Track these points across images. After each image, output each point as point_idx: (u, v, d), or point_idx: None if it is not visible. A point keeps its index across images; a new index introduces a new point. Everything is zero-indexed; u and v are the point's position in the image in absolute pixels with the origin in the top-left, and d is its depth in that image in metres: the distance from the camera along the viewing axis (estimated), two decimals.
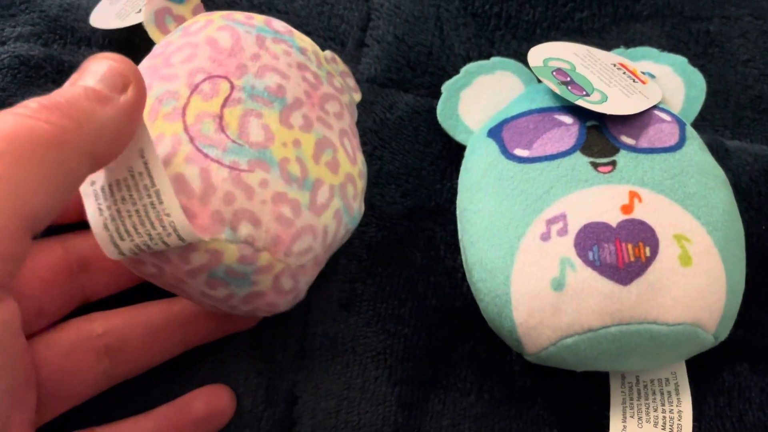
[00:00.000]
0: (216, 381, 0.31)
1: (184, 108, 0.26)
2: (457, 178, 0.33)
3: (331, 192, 0.27)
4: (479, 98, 0.34)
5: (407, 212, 0.35)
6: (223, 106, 0.26)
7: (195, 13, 0.33)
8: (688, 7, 0.40)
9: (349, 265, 0.34)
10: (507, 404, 0.32)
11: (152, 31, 0.31)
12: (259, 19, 0.30)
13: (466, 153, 0.33)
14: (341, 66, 0.34)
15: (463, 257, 0.31)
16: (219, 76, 0.27)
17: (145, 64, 0.29)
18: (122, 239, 0.24)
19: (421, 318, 0.33)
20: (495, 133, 0.32)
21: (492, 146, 0.31)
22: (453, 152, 0.35)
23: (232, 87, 0.27)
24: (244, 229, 0.25)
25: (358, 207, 0.29)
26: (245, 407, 0.31)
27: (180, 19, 0.32)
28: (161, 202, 0.23)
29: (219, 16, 0.30)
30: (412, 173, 0.36)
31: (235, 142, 0.26)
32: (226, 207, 0.25)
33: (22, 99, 0.35)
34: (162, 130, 0.25)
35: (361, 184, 0.29)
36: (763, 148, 0.37)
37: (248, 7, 0.39)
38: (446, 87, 0.35)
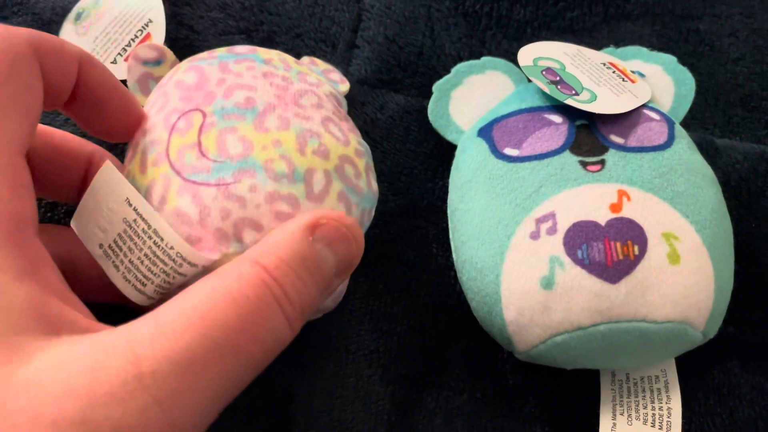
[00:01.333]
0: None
1: (167, 150, 0.27)
2: (448, 176, 0.33)
3: (328, 177, 0.27)
4: (470, 98, 0.35)
5: (399, 211, 0.35)
6: (200, 134, 0.27)
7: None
8: (679, 6, 0.41)
9: None
10: (499, 402, 0.32)
11: (139, 99, 0.32)
12: (221, 50, 0.31)
13: (457, 152, 0.33)
14: (322, 65, 0.34)
15: (454, 256, 0.31)
16: (191, 110, 0.28)
17: None
18: (144, 285, 0.25)
19: (414, 317, 0.33)
20: (485, 132, 0.32)
21: (482, 146, 0.32)
22: (444, 151, 0.35)
23: (204, 115, 0.27)
24: (249, 236, 0.25)
25: (366, 185, 0.29)
26: (241, 405, 0.31)
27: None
28: (162, 239, 0.24)
29: (185, 61, 0.31)
30: (404, 172, 0.36)
31: (216, 161, 0.26)
32: (225, 222, 0.25)
33: None
34: (153, 176, 0.26)
35: (362, 161, 0.29)
36: (752, 147, 0.37)
37: (240, 10, 0.40)
38: (437, 87, 0.35)
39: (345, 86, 0.35)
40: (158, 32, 0.37)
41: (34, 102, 0.23)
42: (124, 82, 0.32)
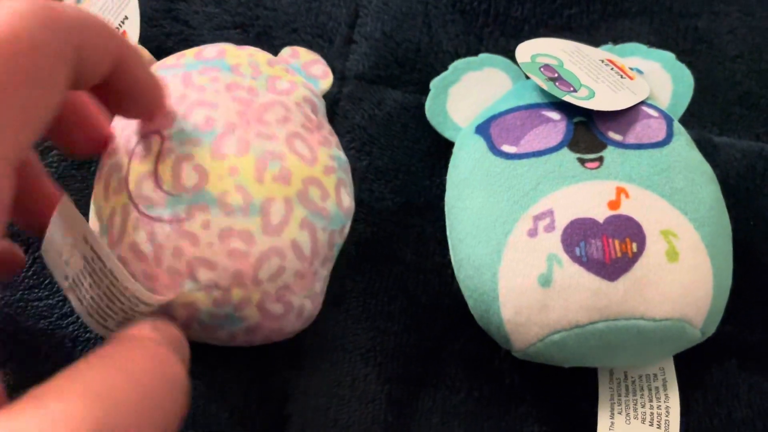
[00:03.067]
0: (207, 378, 0.31)
1: (126, 177, 0.26)
2: (446, 174, 0.33)
3: (288, 205, 0.26)
4: (467, 95, 0.34)
5: (396, 208, 0.35)
6: (157, 162, 0.26)
7: None
8: (677, 3, 0.40)
9: (338, 261, 0.33)
10: (496, 402, 0.31)
11: None
12: (189, 54, 0.30)
13: (454, 149, 0.33)
14: (305, 57, 0.33)
15: (451, 254, 0.31)
16: (150, 133, 0.27)
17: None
18: (105, 320, 0.25)
19: (410, 315, 0.33)
20: (483, 129, 0.32)
21: (480, 143, 0.31)
22: (442, 148, 0.35)
23: (163, 139, 0.27)
24: (203, 275, 0.25)
25: (334, 205, 0.28)
26: (237, 405, 0.31)
27: None
28: (117, 279, 0.24)
29: (155, 65, 0.30)
30: (401, 169, 0.36)
31: (170, 193, 0.26)
32: (178, 261, 0.25)
33: None
34: (114, 206, 0.26)
35: (331, 179, 0.28)
36: (750, 145, 0.37)
37: (236, 5, 0.39)
38: (435, 83, 0.35)
39: (326, 82, 0.33)
40: (133, 30, 0.36)
41: (46, 111, 0.20)
42: None
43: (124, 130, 0.27)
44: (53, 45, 0.19)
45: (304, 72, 0.32)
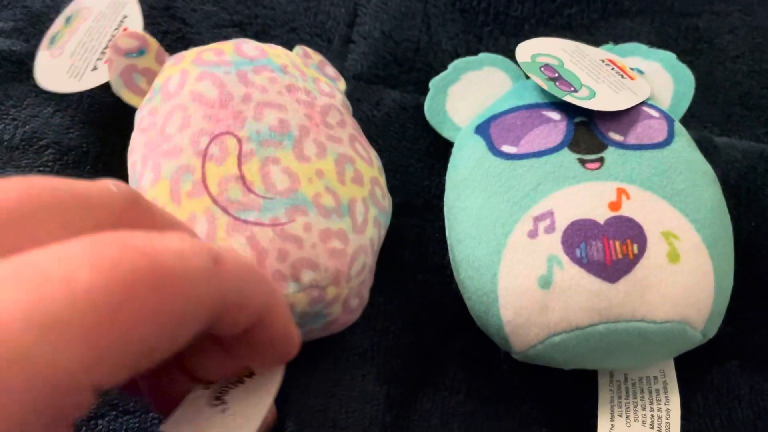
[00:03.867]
0: None
1: (204, 179, 0.26)
2: (445, 174, 0.33)
3: (365, 205, 0.28)
4: (467, 94, 0.34)
5: (395, 209, 0.35)
6: (239, 164, 0.26)
7: (159, 60, 0.31)
8: (677, 3, 0.40)
9: None
10: (496, 403, 0.31)
11: (125, 95, 0.30)
12: (228, 50, 0.29)
13: (454, 150, 0.33)
14: (316, 58, 0.33)
15: (450, 254, 0.31)
16: (222, 133, 0.27)
17: (140, 141, 0.28)
18: None
19: (409, 315, 0.33)
20: (482, 129, 0.32)
21: (479, 143, 0.31)
22: (441, 148, 0.35)
23: (239, 141, 0.27)
24: (306, 276, 0.26)
25: (388, 203, 0.29)
26: None
27: (148, 72, 0.31)
28: None
29: (190, 63, 0.29)
30: (400, 169, 0.35)
31: (266, 197, 0.26)
32: (283, 264, 0.25)
33: (3, 94, 0.35)
34: (192, 209, 0.26)
35: (383, 178, 0.30)
36: (751, 145, 0.37)
37: (234, 3, 0.39)
38: (434, 83, 0.34)
39: (342, 84, 0.34)
40: (136, 24, 0.35)
41: (156, 352, 0.16)
42: (106, 85, 0.31)
43: (182, 129, 0.27)
44: (197, 291, 0.16)
45: (321, 72, 0.33)
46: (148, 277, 0.15)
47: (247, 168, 0.26)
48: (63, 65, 0.34)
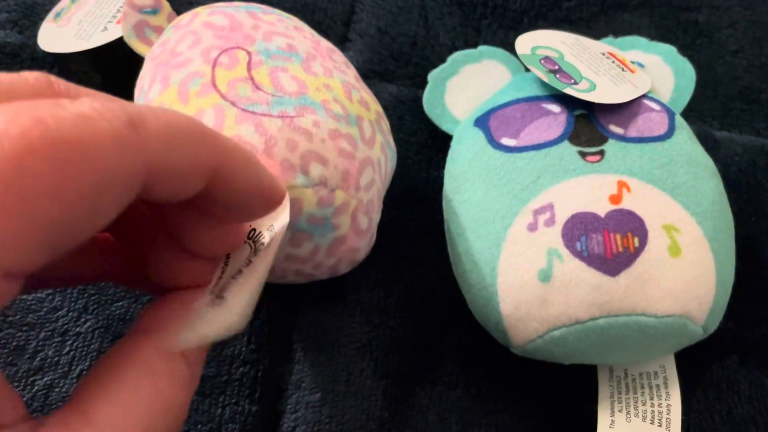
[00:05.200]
0: (202, 372, 0.30)
1: (213, 81, 0.26)
2: (443, 167, 0.33)
3: (372, 127, 0.28)
4: (466, 87, 0.34)
5: (393, 202, 0.34)
6: (249, 69, 0.27)
7: (170, 20, 0.33)
8: None
9: None
10: (494, 398, 0.31)
11: (136, 45, 0.32)
12: (239, 3, 0.31)
13: (453, 142, 0.33)
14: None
15: (449, 248, 0.31)
16: (232, 48, 0.28)
17: (151, 64, 0.29)
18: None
19: (406, 310, 0.32)
20: (482, 122, 0.31)
21: (479, 135, 0.31)
22: (438, 141, 0.34)
23: (249, 53, 0.27)
24: (315, 170, 0.25)
25: (394, 142, 0.30)
26: (231, 400, 0.30)
27: (159, 29, 0.32)
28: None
29: (202, 8, 0.31)
30: (398, 163, 0.35)
31: (275, 95, 0.26)
32: (292, 153, 0.25)
33: None
34: (200, 105, 0.26)
35: (386, 123, 0.30)
36: (751, 139, 0.37)
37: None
38: (432, 76, 0.34)
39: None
40: None
41: (75, 231, 0.15)
42: (120, 40, 0.32)
43: (193, 46, 0.28)
44: (108, 160, 0.14)
45: None
46: (41, 148, 0.13)
47: (257, 72, 0.27)
48: (70, 31, 0.35)
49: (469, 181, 0.30)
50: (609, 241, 0.27)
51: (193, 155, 0.17)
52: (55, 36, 0.35)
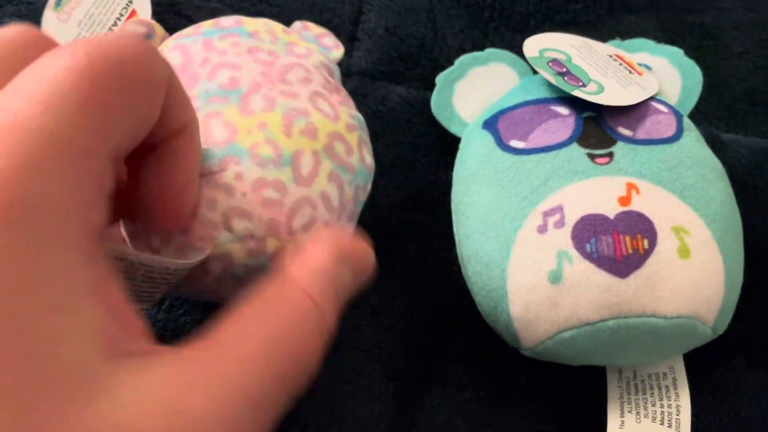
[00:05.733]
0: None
1: None
2: (451, 169, 0.33)
3: (316, 157, 0.27)
4: (473, 90, 0.34)
5: (400, 204, 0.35)
6: None
7: (164, 41, 0.33)
8: None
9: None
10: (503, 400, 0.31)
11: None
12: (206, 24, 0.31)
13: (461, 145, 0.33)
14: (315, 30, 0.34)
15: (458, 250, 0.31)
16: None
17: None
18: (153, 297, 0.25)
19: (415, 312, 0.33)
20: (490, 124, 0.32)
21: (487, 138, 0.31)
22: (446, 144, 0.34)
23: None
24: (239, 225, 0.25)
25: (358, 161, 0.29)
26: None
27: None
28: (152, 267, 0.23)
29: (171, 39, 0.31)
30: (406, 165, 0.35)
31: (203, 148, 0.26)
32: (212, 212, 0.25)
33: None
34: None
35: (353, 136, 0.29)
36: (757, 141, 0.37)
37: (239, 0, 0.39)
38: (440, 79, 0.34)
39: (338, 52, 0.34)
40: (143, 7, 0.36)
41: (146, 120, 0.20)
42: None
43: None
44: (147, 63, 0.19)
45: (317, 42, 0.33)
46: (107, 59, 0.18)
47: None
48: (70, 32, 0.35)
49: (478, 183, 0.30)
50: (618, 243, 0.27)
51: (183, 100, 0.21)
52: (58, 33, 0.36)
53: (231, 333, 0.20)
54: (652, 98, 0.32)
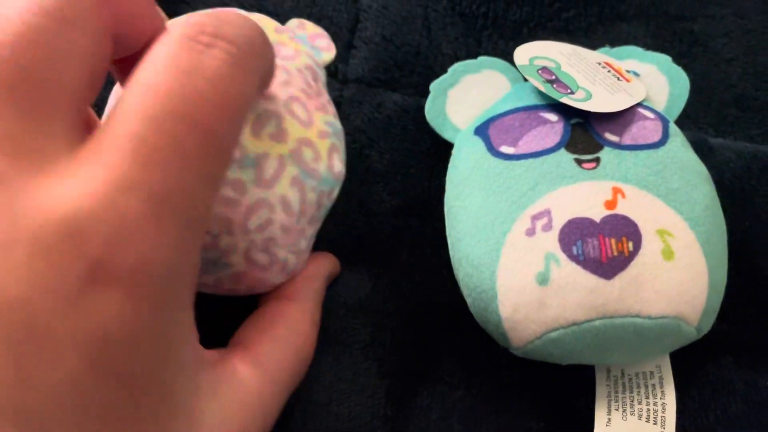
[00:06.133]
0: None
1: None
2: (444, 176, 0.33)
3: (281, 161, 0.27)
4: (466, 97, 0.35)
5: (394, 210, 0.35)
6: None
7: None
8: (673, 6, 0.41)
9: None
10: (495, 398, 0.32)
11: None
12: None
13: (454, 151, 0.33)
14: (311, 29, 0.34)
15: (450, 253, 0.31)
16: None
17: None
18: None
19: (408, 312, 0.33)
20: (482, 130, 0.32)
21: (479, 144, 0.32)
22: (440, 150, 0.35)
23: None
24: None
25: (325, 168, 0.29)
26: None
27: None
28: None
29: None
30: (400, 171, 0.36)
31: None
32: None
33: None
34: None
35: (324, 143, 0.29)
36: (745, 146, 0.37)
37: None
38: (434, 86, 0.35)
39: (329, 54, 0.34)
40: None
41: None
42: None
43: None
44: None
45: (309, 43, 0.33)
46: None
47: None
48: None
49: (470, 187, 0.31)
50: (604, 246, 0.27)
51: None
52: None
53: (273, 358, 0.26)
54: (639, 104, 0.32)
